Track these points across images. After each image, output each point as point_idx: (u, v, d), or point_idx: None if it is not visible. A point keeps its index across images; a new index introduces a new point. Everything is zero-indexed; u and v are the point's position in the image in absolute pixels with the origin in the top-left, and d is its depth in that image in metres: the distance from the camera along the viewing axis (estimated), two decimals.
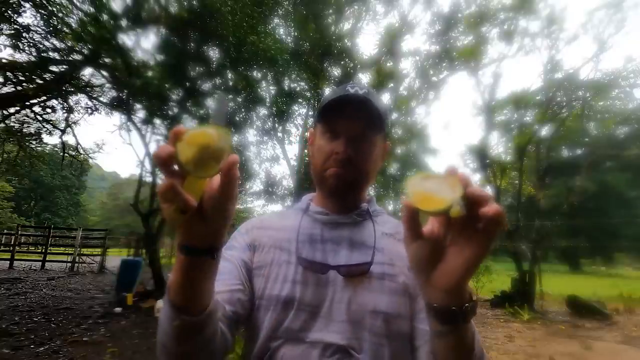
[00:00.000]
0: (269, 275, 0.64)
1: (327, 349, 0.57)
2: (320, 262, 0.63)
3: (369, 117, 0.65)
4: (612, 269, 23.09)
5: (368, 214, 0.71)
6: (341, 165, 0.65)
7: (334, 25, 8.87)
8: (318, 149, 0.69)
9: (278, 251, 0.66)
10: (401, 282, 0.63)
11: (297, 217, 0.71)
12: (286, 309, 0.60)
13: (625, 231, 18.56)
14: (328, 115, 0.67)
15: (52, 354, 3.87)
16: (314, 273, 0.62)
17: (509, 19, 9.33)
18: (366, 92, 0.65)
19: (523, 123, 10.28)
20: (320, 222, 0.70)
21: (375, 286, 0.61)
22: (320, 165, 0.68)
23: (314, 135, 0.73)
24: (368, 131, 0.66)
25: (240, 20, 6.00)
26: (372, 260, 0.62)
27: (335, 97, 0.65)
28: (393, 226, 0.71)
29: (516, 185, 10.72)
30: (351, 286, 0.61)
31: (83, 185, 44.24)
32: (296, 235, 0.66)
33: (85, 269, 13.22)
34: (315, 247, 0.66)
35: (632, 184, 19.99)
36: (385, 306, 0.60)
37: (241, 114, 7.97)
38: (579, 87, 9.92)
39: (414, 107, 10.30)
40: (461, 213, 0.36)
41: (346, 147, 0.65)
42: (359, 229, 0.69)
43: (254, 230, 0.71)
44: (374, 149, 0.68)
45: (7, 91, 6.50)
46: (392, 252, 0.66)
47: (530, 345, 5.36)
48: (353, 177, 0.66)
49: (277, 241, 0.68)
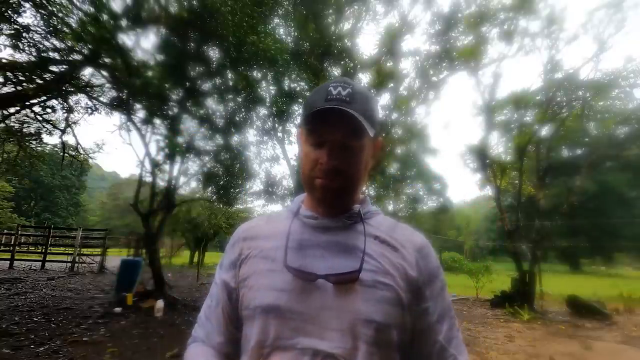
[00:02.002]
0: (252, 286, 0.64)
1: (317, 356, 0.56)
2: (309, 271, 0.61)
3: (353, 123, 0.60)
4: (612, 269, 23.10)
5: (359, 217, 0.68)
6: (326, 175, 0.63)
7: (334, 25, 8.87)
8: (304, 155, 0.67)
9: (261, 260, 0.66)
10: (393, 291, 0.61)
11: (287, 221, 0.70)
12: (273, 317, 0.60)
13: (625, 231, 18.58)
14: (310, 122, 0.63)
15: (52, 354, 3.87)
16: (302, 281, 0.61)
17: (509, 19, 9.34)
18: (350, 93, 0.61)
19: (523, 123, 10.28)
20: (309, 227, 0.68)
21: (367, 294, 0.60)
22: (307, 172, 0.66)
23: (301, 137, 0.70)
24: (353, 137, 0.62)
25: (240, 20, 6.00)
26: (360, 268, 0.60)
27: (316, 105, 0.61)
28: (387, 229, 0.69)
29: (516, 185, 10.72)
30: (341, 294, 0.59)
31: (83, 185, 44.26)
32: (285, 243, 0.64)
33: (85, 269, 13.22)
34: (304, 253, 0.64)
35: (632, 184, 19.99)
36: (377, 315, 0.58)
37: (241, 114, 7.97)
38: (579, 87, 9.92)
39: (414, 107, 10.30)
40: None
41: (330, 157, 0.62)
42: (350, 232, 0.66)
43: (240, 242, 0.71)
44: (361, 153, 0.65)
45: (7, 91, 6.50)
46: (384, 258, 0.64)
47: (530, 345, 5.37)
48: (340, 186, 0.64)
49: (263, 251, 0.67)
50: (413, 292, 0.63)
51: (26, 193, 36.18)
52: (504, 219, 10.01)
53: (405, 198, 15.73)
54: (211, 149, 8.26)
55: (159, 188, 8.06)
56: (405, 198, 15.69)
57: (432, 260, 0.67)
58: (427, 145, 11.59)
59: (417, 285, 0.64)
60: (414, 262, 0.65)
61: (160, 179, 8.04)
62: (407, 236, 0.69)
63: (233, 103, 7.86)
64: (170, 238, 22.06)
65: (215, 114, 7.97)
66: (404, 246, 0.66)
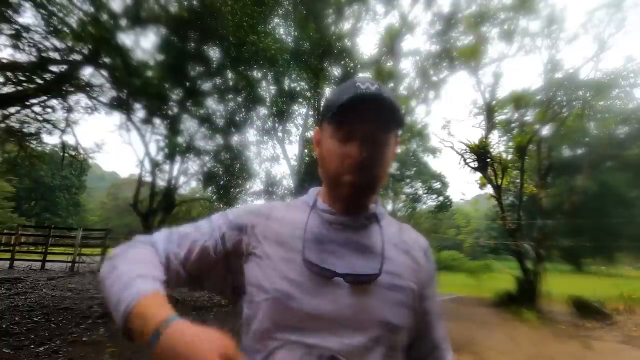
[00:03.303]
0: (265, 268, 0.61)
1: (326, 354, 0.55)
2: (327, 268, 0.59)
3: (383, 117, 0.60)
4: (612, 269, 23.09)
5: (375, 218, 0.68)
6: (356, 171, 0.61)
7: (334, 25, 8.87)
8: (328, 151, 0.64)
9: (277, 246, 0.63)
10: (407, 294, 0.62)
11: (304, 212, 0.67)
12: (283, 306, 0.57)
13: (625, 231, 18.56)
14: (339, 115, 0.61)
15: (52, 354, 3.87)
16: (318, 276, 0.59)
17: (509, 18, 9.34)
18: (378, 88, 0.60)
19: (523, 122, 10.28)
20: (327, 222, 0.66)
21: (383, 296, 0.60)
22: (334, 170, 0.63)
23: (321, 135, 0.68)
24: (384, 130, 0.62)
25: (240, 20, 6.00)
26: (380, 272, 0.60)
27: (347, 96, 0.59)
28: (396, 231, 0.70)
29: (517, 184, 10.72)
30: (357, 294, 0.59)
31: (83, 185, 44.23)
32: (302, 234, 0.63)
33: (85, 269, 13.22)
34: (322, 248, 0.62)
35: (632, 184, 19.97)
36: (393, 317, 0.59)
37: (241, 114, 7.98)
38: (579, 87, 9.91)
39: (414, 106, 10.31)
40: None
41: (361, 150, 0.60)
42: (367, 233, 0.66)
43: (257, 216, 0.68)
44: (388, 148, 0.64)
45: (7, 91, 6.50)
46: (398, 260, 0.64)
47: (530, 344, 5.36)
48: (368, 182, 0.63)
49: (279, 236, 0.64)
50: (419, 293, 0.65)
51: (26, 193, 36.18)
52: (505, 217, 10.00)
53: (405, 197, 15.75)
54: (211, 148, 8.27)
55: (158, 188, 8.06)
56: (404, 197, 15.71)
57: (432, 261, 0.71)
58: (427, 145, 11.60)
59: (422, 286, 0.66)
60: (421, 263, 0.67)
61: (160, 178, 8.04)
62: (413, 238, 0.71)
63: (233, 103, 7.87)
64: None
65: (215, 114, 7.99)
66: (413, 248, 0.68)
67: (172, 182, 8.01)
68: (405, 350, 0.64)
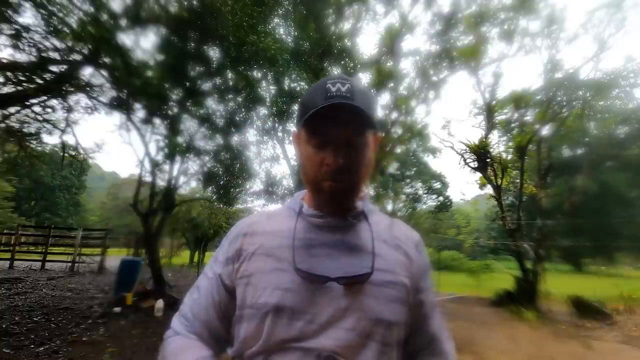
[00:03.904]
0: (256, 284, 0.61)
1: (323, 355, 0.55)
2: (319, 274, 0.59)
3: (356, 119, 0.59)
4: (612, 269, 23.07)
5: (363, 215, 0.68)
6: (334, 177, 0.60)
7: (334, 25, 8.86)
8: (306, 157, 0.64)
9: (265, 258, 0.63)
10: (400, 289, 0.62)
11: (290, 220, 0.67)
12: (279, 317, 0.58)
13: (625, 231, 18.54)
14: (311, 121, 0.60)
15: (51, 354, 3.87)
16: (312, 283, 0.59)
17: (509, 18, 9.34)
18: (349, 89, 0.59)
19: (523, 122, 10.29)
20: (315, 226, 0.66)
21: (377, 294, 0.60)
22: (313, 176, 0.63)
23: (299, 138, 0.67)
24: (357, 134, 0.61)
25: (240, 20, 6.01)
26: (372, 270, 0.60)
27: (319, 99, 0.59)
28: (386, 227, 0.69)
29: (517, 184, 10.72)
30: (351, 294, 0.59)
31: (83, 185, 44.22)
32: (291, 242, 0.62)
33: (85, 269, 13.21)
34: (311, 253, 0.62)
35: (632, 184, 19.96)
36: (388, 314, 0.59)
37: (241, 114, 7.97)
38: (579, 87, 9.92)
39: (414, 106, 10.31)
40: None
41: (336, 157, 0.59)
42: (356, 232, 0.66)
43: (240, 238, 0.68)
44: (366, 150, 0.63)
45: (7, 91, 6.50)
46: (389, 256, 0.64)
47: (530, 344, 5.36)
48: (348, 187, 0.62)
49: (266, 249, 0.64)
50: (413, 286, 0.65)
51: (26, 193, 36.16)
52: (504, 217, 10.00)
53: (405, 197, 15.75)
54: (211, 148, 8.26)
55: (158, 188, 8.05)
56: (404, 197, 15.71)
57: (425, 254, 0.71)
58: (427, 145, 11.60)
59: (416, 279, 0.66)
60: (413, 257, 0.67)
61: (160, 178, 8.03)
62: (404, 232, 0.71)
63: (233, 103, 7.87)
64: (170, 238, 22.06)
65: (215, 114, 7.98)
66: (404, 243, 0.68)
67: (172, 182, 8.00)
68: (403, 344, 0.64)
